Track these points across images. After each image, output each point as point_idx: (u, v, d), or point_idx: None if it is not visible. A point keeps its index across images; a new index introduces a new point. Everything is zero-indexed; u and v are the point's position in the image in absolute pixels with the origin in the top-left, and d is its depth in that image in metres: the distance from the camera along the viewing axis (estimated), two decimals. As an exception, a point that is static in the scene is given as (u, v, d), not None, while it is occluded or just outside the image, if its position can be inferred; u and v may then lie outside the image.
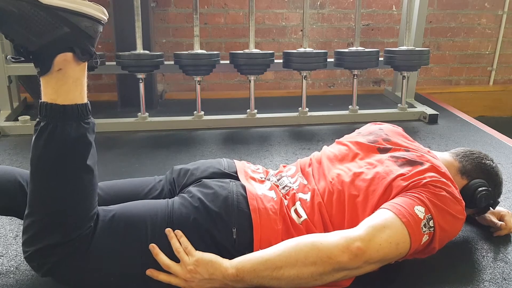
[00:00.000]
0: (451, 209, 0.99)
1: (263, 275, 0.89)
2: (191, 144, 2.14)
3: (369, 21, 3.26)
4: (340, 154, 1.20)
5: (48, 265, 0.92)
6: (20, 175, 1.07)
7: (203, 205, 1.01)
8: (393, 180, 1.02)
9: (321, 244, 0.90)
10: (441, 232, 0.98)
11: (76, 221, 0.93)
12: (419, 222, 0.95)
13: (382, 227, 0.92)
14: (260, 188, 1.10)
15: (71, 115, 0.91)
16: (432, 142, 2.21)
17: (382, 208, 0.97)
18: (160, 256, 0.96)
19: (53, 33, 0.86)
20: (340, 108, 2.61)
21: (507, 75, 3.62)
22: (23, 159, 1.91)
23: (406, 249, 0.94)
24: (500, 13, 3.40)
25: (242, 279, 0.90)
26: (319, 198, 1.08)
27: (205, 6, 3.02)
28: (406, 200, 0.97)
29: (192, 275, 0.93)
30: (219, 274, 0.91)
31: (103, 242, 0.95)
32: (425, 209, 0.96)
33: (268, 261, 0.90)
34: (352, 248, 0.88)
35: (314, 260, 0.88)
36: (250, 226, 0.99)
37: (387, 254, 0.92)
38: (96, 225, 0.96)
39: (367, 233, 0.91)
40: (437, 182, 1.01)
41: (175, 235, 0.98)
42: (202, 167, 1.18)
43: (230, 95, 3.16)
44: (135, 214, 1.00)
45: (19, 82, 2.59)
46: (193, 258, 0.94)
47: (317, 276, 0.89)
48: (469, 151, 1.25)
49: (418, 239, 0.95)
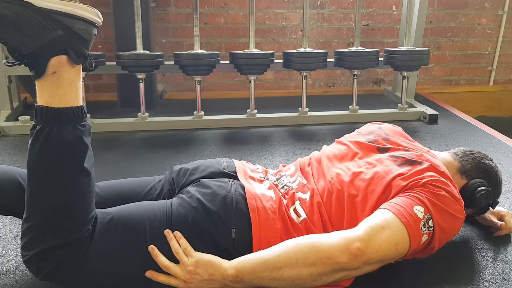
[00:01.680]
0: (450, 209, 0.99)
1: (262, 276, 0.89)
2: (191, 144, 2.14)
3: (369, 21, 3.26)
4: (340, 153, 1.20)
5: (47, 269, 0.92)
6: (20, 175, 1.07)
7: (202, 205, 1.01)
8: (392, 180, 1.02)
9: (321, 245, 0.90)
10: (441, 232, 0.98)
11: (74, 224, 0.93)
12: (419, 222, 0.94)
13: (382, 228, 0.92)
14: (259, 188, 1.10)
15: (66, 118, 0.90)
16: (432, 142, 2.21)
17: (382, 208, 0.97)
18: (160, 257, 0.95)
19: (47, 35, 0.86)
20: (340, 108, 2.61)
21: (507, 75, 3.62)
22: (23, 159, 1.91)
23: (406, 249, 0.94)
24: (500, 13, 3.40)
25: (242, 280, 0.90)
26: (318, 198, 1.08)
27: (205, 6, 3.03)
28: (405, 200, 0.97)
29: (191, 276, 0.93)
30: (218, 274, 0.91)
31: (102, 245, 0.95)
32: (424, 208, 0.96)
33: (267, 262, 0.90)
34: (352, 248, 0.88)
35: (314, 261, 0.88)
36: (249, 226, 0.99)
37: (387, 254, 0.92)
38: (94, 228, 0.96)
39: (366, 234, 0.91)
40: (436, 182, 1.01)
41: (174, 236, 0.98)
42: (201, 167, 1.18)
43: (230, 95, 3.16)
44: (134, 216, 1.00)
45: (19, 82, 2.59)
46: (192, 259, 0.94)
47: (317, 277, 0.89)
48: (469, 150, 1.25)
49: (418, 239, 0.95)
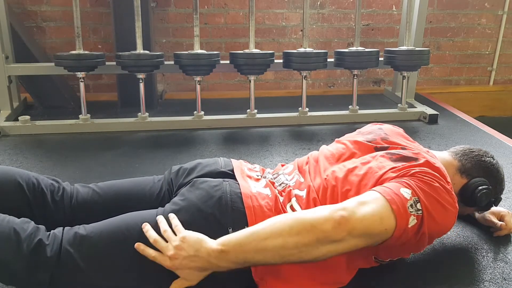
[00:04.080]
0: (440, 198, 0.98)
1: (247, 249, 0.88)
2: (191, 144, 2.14)
3: (369, 21, 3.26)
4: (338, 152, 1.20)
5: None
6: (20, 175, 1.07)
7: (197, 207, 1.01)
8: (384, 173, 1.03)
9: (306, 215, 0.91)
10: (429, 218, 0.96)
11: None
12: (405, 201, 0.94)
13: (366, 202, 0.93)
14: (255, 186, 1.10)
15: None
16: (432, 142, 2.21)
17: (370, 190, 0.98)
18: (150, 232, 0.95)
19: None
20: (340, 108, 2.61)
21: (507, 75, 3.62)
22: (23, 159, 1.91)
23: (392, 225, 0.92)
24: (500, 13, 3.40)
25: (227, 255, 0.88)
26: (314, 194, 1.08)
27: (205, 6, 3.02)
28: (393, 184, 0.98)
29: (176, 252, 0.91)
30: (204, 251, 0.89)
31: (93, 265, 0.95)
32: (411, 191, 0.96)
33: (253, 234, 0.89)
34: (336, 216, 0.89)
35: (299, 230, 0.88)
36: (246, 225, 0.99)
37: (371, 226, 0.91)
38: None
39: (351, 205, 0.92)
40: (426, 174, 1.00)
41: (165, 219, 0.98)
42: (199, 167, 1.18)
43: (230, 95, 3.16)
44: (124, 229, 0.99)
45: (19, 82, 2.59)
46: (180, 235, 0.93)
47: (302, 247, 0.88)
48: (469, 149, 1.24)
49: (404, 218, 0.93)
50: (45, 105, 2.64)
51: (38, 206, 1.08)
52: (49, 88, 2.63)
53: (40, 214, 1.07)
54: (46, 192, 1.10)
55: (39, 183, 1.10)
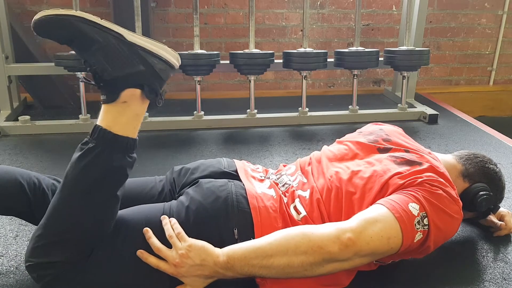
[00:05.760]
0: (447, 208, 0.99)
1: (253, 263, 0.89)
2: (191, 144, 2.14)
3: (369, 21, 3.26)
4: (340, 153, 1.20)
5: (48, 278, 0.92)
6: (21, 175, 1.07)
7: (203, 207, 1.01)
8: (390, 178, 1.03)
9: (312, 234, 0.90)
10: (436, 231, 0.97)
11: (88, 244, 0.94)
12: (413, 218, 0.94)
13: (374, 221, 0.92)
14: (260, 187, 1.10)
15: (120, 146, 0.95)
16: (432, 142, 2.21)
17: (377, 204, 0.98)
18: (152, 239, 0.95)
19: (129, 68, 0.93)
20: (340, 108, 2.61)
21: (507, 75, 3.62)
22: (23, 159, 1.91)
23: (398, 244, 0.93)
24: (500, 13, 3.40)
25: (233, 267, 0.89)
26: (317, 195, 1.08)
27: (205, 6, 3.02)
28: (401, 197, 0.98)
29: (182, 260, 0.91)
30: (210, 260, 0.90)
31: (100, 255, 0.95)
32: (419, 206, 0.96)
33: (259, 249, 0.89)
34: (343, 238, 0.88)
35: (305, 250, 0.88)
36: (251, 226, 0.99)
37: (378, 247, 0.92)
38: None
39: (358, 225, 0.91)
40: (434, 181, 1.01)
41: (169, 221, 0.98)
42: (202, 167, 1.18)
43: (230, 95, 3.16)
44: (131, 223, 0.99)
45: (19, 82, 2.59)
46: (185, 243, 0.93)
47: (307, 266, 0.89)
48: (473, 154, 1.24)
49: (411, 236, 0.94)
50: (45, 105, 2.64)
51: (39, 206, 1.07)
52: (49, 88, 2.62)
53: (41, 214, 1.07)
54: (47, 192, 1.10)
55: (40, 183, 1.10)
